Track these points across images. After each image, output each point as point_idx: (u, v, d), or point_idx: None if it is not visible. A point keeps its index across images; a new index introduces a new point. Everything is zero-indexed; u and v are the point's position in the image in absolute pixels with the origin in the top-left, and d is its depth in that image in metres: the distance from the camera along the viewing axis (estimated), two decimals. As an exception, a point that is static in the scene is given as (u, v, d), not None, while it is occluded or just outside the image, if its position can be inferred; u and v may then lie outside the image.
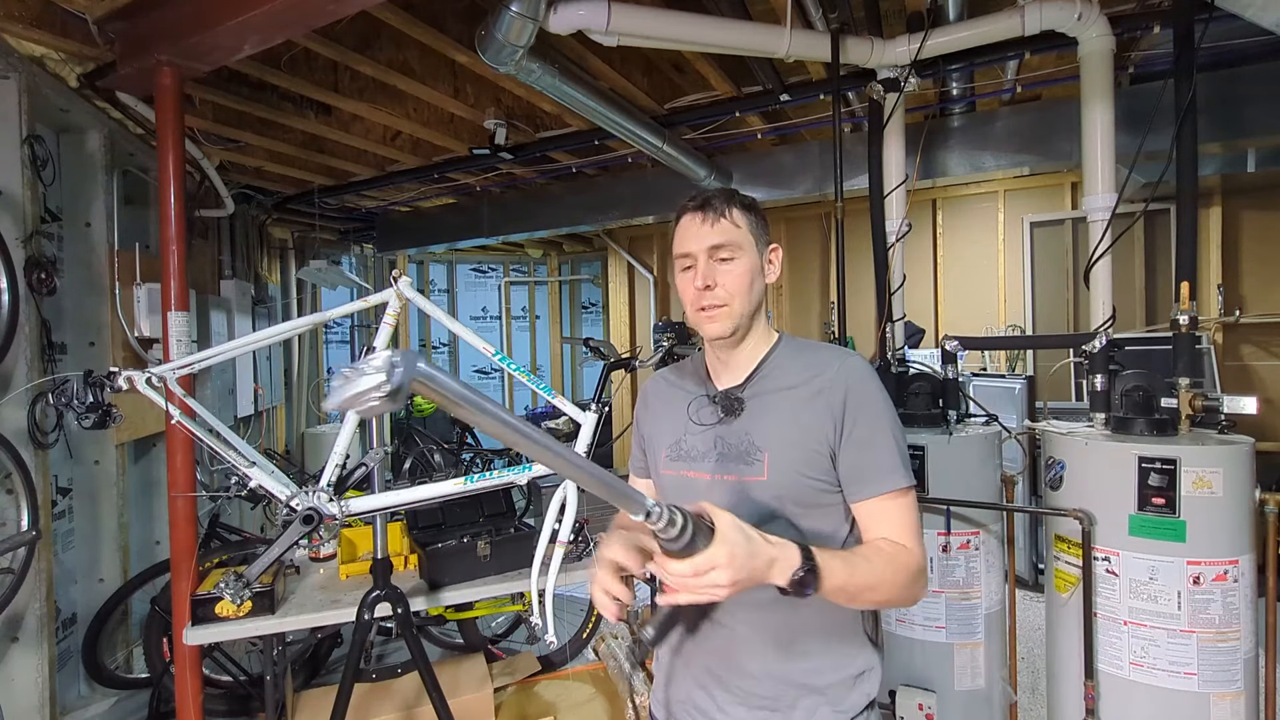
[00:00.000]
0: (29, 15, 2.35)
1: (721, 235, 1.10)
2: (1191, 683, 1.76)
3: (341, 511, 1.91)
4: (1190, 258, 2.19)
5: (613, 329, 6.83)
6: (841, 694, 1.09)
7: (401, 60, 3.04)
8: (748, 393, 1.14)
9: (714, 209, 1.11)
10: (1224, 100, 3.11)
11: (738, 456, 1.11)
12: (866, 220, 3.02)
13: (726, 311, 1.10)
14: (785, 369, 1.14)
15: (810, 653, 1.09)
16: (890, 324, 2.81)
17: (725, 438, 1.13)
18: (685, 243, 1.12)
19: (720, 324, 1.11)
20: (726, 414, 1.13)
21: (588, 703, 2.61)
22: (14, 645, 2.47)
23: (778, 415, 1.10)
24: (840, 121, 2.76)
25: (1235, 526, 1.76)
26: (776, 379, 1.14)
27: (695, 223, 1.11)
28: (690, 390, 1.21)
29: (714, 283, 1.09)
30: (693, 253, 1.11)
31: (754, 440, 1.10)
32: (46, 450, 2.61)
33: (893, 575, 1.00)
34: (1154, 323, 4.48)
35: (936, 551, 2.15)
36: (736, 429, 1.12)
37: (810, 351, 1.17)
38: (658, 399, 1.27)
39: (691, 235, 1.12)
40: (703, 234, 1.10)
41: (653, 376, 1.33)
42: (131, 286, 3.13)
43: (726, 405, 1.13)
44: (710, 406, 1.16)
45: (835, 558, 0.96)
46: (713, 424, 1.15)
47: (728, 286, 1.10)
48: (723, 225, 1.10)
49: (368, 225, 6.17)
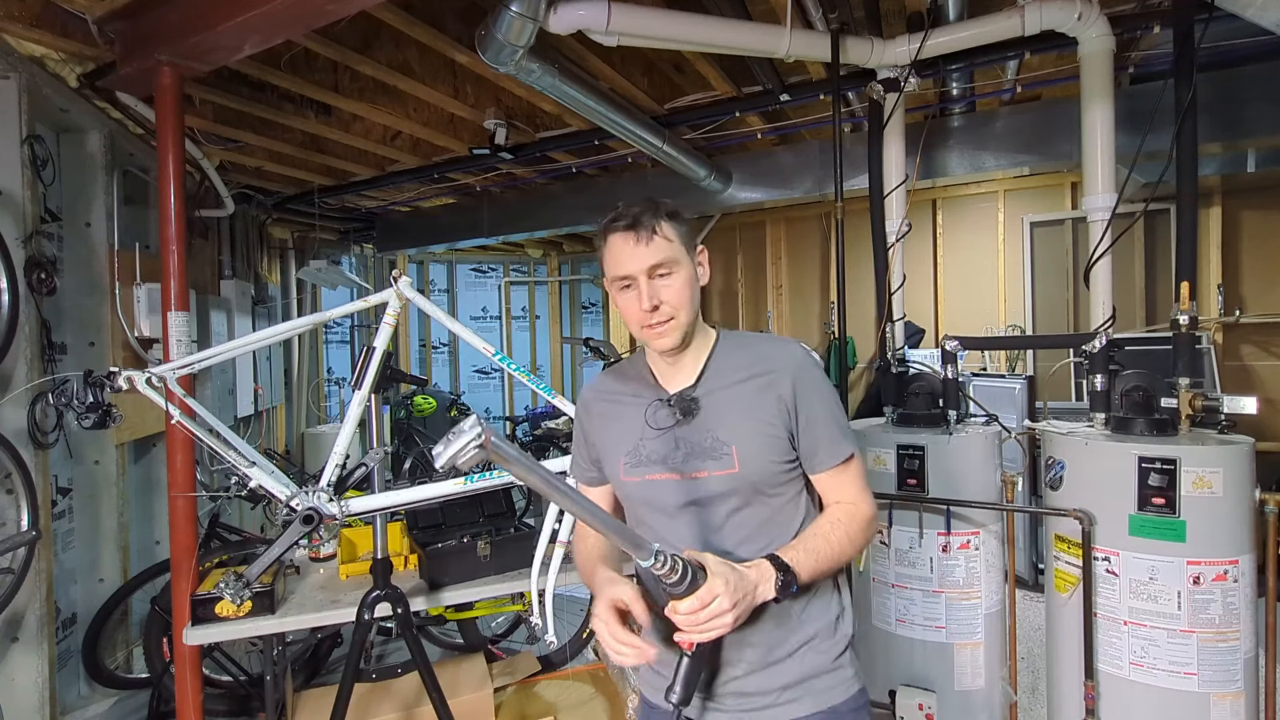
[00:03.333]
0: (29, 15, 2.35)
1: (657, 254, 1.11)
2: (1191, 683, 1.76)
3: (341, 511, 1.91)
4: (1190, 258, 2.20)
5: (613, 329, 6.83)
6: (826, 636, 1.18)
7: (401, 60, 3.04)
8: (700, 391, 1.18)
9: (645, 226, 1.11)
10: (1224, 100, 3.11)
11: (704, 453, 1.15)
12: (866, 220, 3.03)
13: (674, 324, 1.14)
14: (732, 364, 1.20)
15: (794, 609, 1.16)
16: (890, 324, 2.81)
17: (686, 438, 1.17)
18: (622, 264, 1.13)
19: (669, 338, 1.15)
20: (685, 415, 1.17)
21: (588, 703, 2.61)
22: (14, 645, 2.47)
23: (736, 410, 1.16)
24: (840, 121, 2.76)
25: (1235, 526, 1.76)
26: (725, 375, 1.19)
27: (629, 243, 1.12)
28: (640, 395, 1.23)
29: (659, 301, 1.12)
30: (632, 273, 1.13)
31: (719, 436, 1.15)
32: (46, 450, 2.61)
33: (850, 537, 1.14)
34: (1154, 323, 4.48)
35: (936, 551, 2.15)
36: (697, 428, 1.16)
37: (751, 345, 1.23)
38: (603, 406, 1.28)
39: (627, 256, 1.12)
40: (639, 254, 1.11)
41: (589, 385, 1.35)
42: (131, 286, 3.13)
43: (684, 407, 1.17)
44: (666, 409, 1.19)
45: (800, 552, 1.08)
46: (670, 426, 1.18)
47: (672, 301, 1.13)
48: (656, 243, 1.12)
49: (368, 225, 6.17)
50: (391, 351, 2.13)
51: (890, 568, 2.23)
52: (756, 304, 6.13)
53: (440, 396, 6.83)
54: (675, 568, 0.92)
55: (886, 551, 2.24)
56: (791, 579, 1.04)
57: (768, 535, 1.15)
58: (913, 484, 2.20)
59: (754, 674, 1.14)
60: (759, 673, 1.14)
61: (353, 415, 1.96)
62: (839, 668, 1.17)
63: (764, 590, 1.02)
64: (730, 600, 0.95)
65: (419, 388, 6.57)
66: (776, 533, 1.16)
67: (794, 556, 1.07)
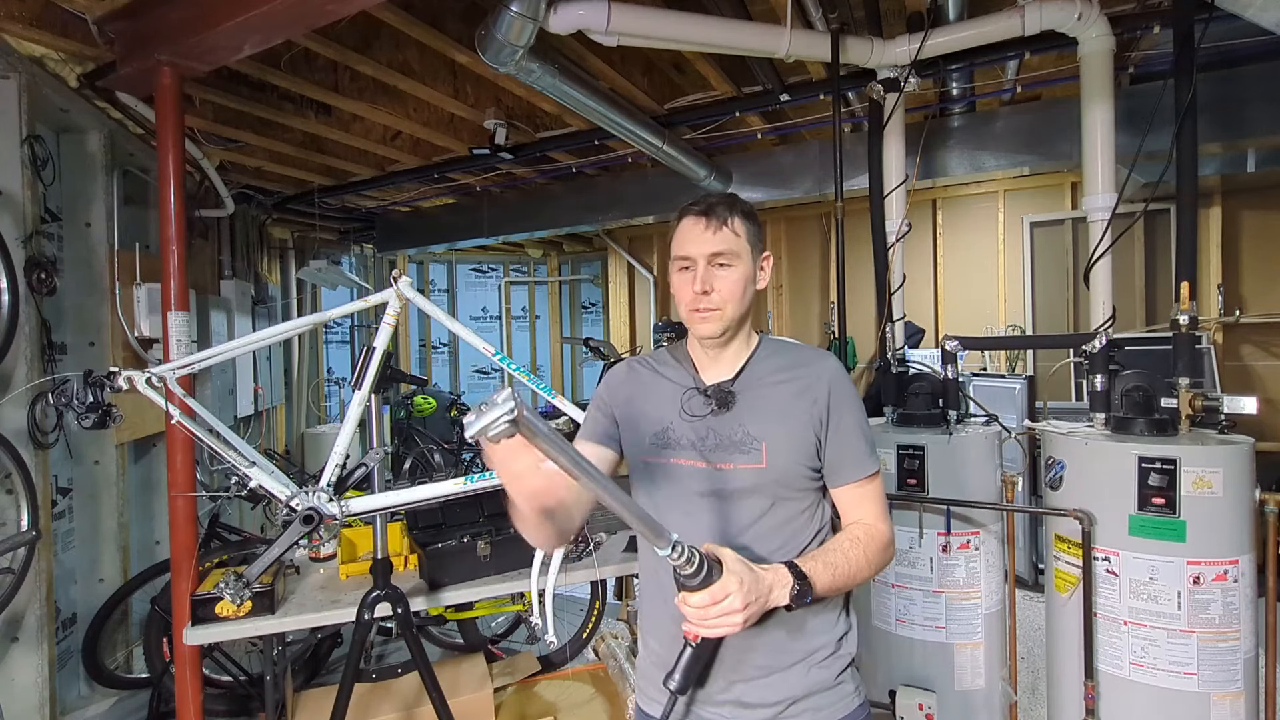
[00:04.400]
0: (29, 15, 2.35)
1: (722, 243, 1.16)
2: (1191, 683, 1.76)
3: (341, 511, 1.91)
4: (1190, 258, 2.20)
5: (613, 329, 6.84)
6: (829, 651, 1.18)
7: (401, 60, 3.04)
8: (738, 387, 1.20)
9: (717, 216, 1.16)
10: (1224, 100, 3.11)
11: (733, 446, 1.16)
12: (866, 220, 3.02)
13: (719, 315, 1.17)
14: (770, 366, 1.22)
15: (800, 621, 1.16)
16: (890, 324, 2.81)
17: (717, 429, 1.18)
18: (686, 245, 1.18)
19: (712, 325, 1.17)
20: (720, 406, 1.19)
21: (588, 703, 2.61)
22: (14, 645, 2.47)
23: (771, 409, 1.18)
24: (840, 121, 2.76)
25: (1235, 526, 1.76)
26: (763, 376, 1.21)
27: (699, 228, 1.17)
28: (677, 381, 1.25)
29: (711, 288, 1.16)
30: (693, 256, 1.17)
31: (750, 431, 1.16)
32: (46, 450, 2.61)
33: (868, 558, 1.13)
34: (1154, 323, 4.48)
35: (936, 551, 2.15)
36: (729, 420, 1.18)
37: (792, 351, 1.26)
38: (647, 375, 1.29)
39: (693, 239, 1.17)
40: (704, 239, 1.16)
41: (629, 360, 1.35)
42: (131, 286, 3.13)
43: (720, 398, 1.19)
44: (701, 399, 1.21)
45: (819, 563, 1.08)
46: (704, 415, 1.20)
47: (723, 292, 1.16)
48: (724, 234, 1.16)
49: (368, 225, 6.17)
50: (391, 351, 2.13)
51: (890, 567, 2.23)
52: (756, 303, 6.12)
53: (440, 396, 6.83)
54: (691, 560, 0.92)
55: (886, 551, 2.24)
56: (807, 589, 1.04)
57: (783, 537, 1.16)
58: (913, 484, 2.20)
59: (756, 682, 1.14)
60: (761, 681, 1.14)
61: (353, 415, 1.96)
62: (840, 684, 1.17)
63: (778, 595, 1.02)
64: (742, 601, 0.95)
65: (419, 388, 6.57)
66: (793, 536, 1.16)
67: (812, 567, 1.07)
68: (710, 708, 1.16)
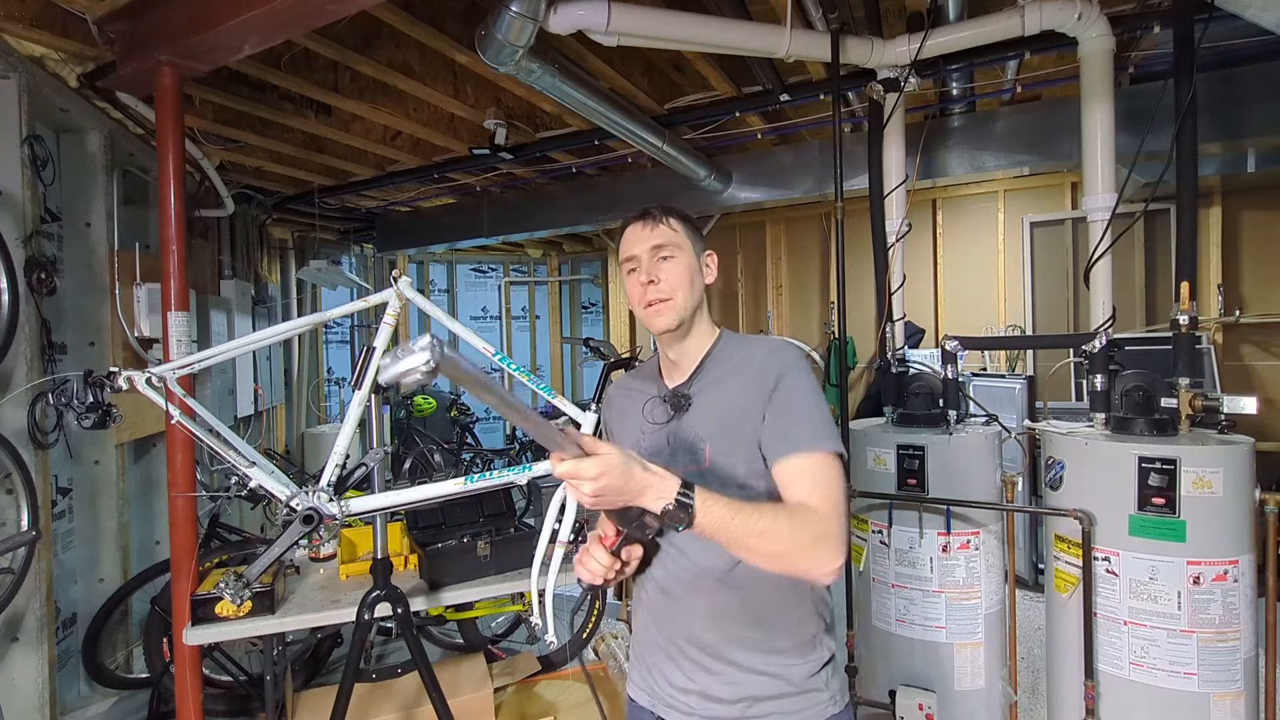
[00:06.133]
0: (29, 15, 2.35)
1: (661, 237, 1.22)
2: (1191, 683, 1.76)
3: (341, 511, 1.91)
4: (1190, 258, 2.19)
5: (613, 329, 6.83)
6: (797, 655, 1.16)
7: (401, 60, 3.04)
8: (694, 389, 1.22)
9: (653, 217, 1.24)
10: (1224, 100, 3.11)
11: (687, 450, 1.18)
12: (866, 220, 3.02)
13: (671, 305, 1.20)
14: (725, 362, 1.23)
15: (764, 620, 1.15)
16: (890, 324, 2.81)
17: (677, 434, 1.21)
18: (630, 247, 1.24)
19: (666, 317, 1.20)
20: (676, 411, 1.22)
21: (588, 703, 2.61)
22: (14, 645, 2.47)
23: (719, 407, 1.18)
24: (840, 121, 2.76)
25: (1235, 526, 1.76)
26: (717, 372, 1.22)
27: (639, 229, 1.24)
28: (646, 391, 1.29)
29: (657, 278, 1.20)
30: (637, 254, 1.22)
31: (698, 432, 1.18)
32: (46, 450, 2.61)
33: (790, 531, 1.00)
34: (1154, 323, 4.48)
35: (936, 551, 2.15)
36: (686, 425, 1.20)
37: (749, 344, 1.26)
38: (620, 402, 1.35)
39: (635, 240, 1.23)
40: (644, 237, 1.23)
41: (615, 381, 1.41)
42: (131, 286, 3.13)
43: (675, 403, 1.22)
44: (662, 405, 1.24)
45: (720, 502, 0.98)
46: (664, 422, 1.23)
47: (670, 280, 1.20)
48: (662, 229, 1.23)
49: (368, 225, 6.17)
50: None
51: (890, 568, 2.23)
52: (756, 304, 6.13)
53: (440, 396, 6.83)
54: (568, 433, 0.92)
55: (886, 551, 2.24)
56: (683, 514, 0.94)
57: None
58: (913, 484, 2.20)
59: (719, 675, 1.15)
60: (723, 675, 1.15)
61: (353, 415, 1.96)
62: (811, 689, 1.16)
63: (649, 500, 0.95)
64: (591, 488, 0.90)
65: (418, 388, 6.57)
66: None
67: (710, 499, 0.97)
68: (679, 695, 1.18)
